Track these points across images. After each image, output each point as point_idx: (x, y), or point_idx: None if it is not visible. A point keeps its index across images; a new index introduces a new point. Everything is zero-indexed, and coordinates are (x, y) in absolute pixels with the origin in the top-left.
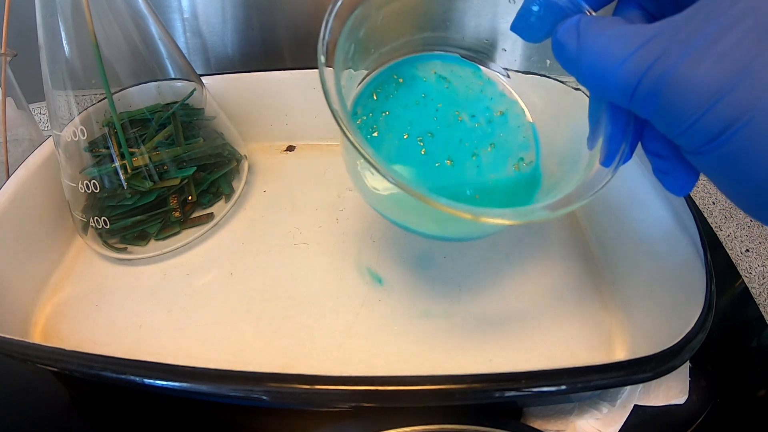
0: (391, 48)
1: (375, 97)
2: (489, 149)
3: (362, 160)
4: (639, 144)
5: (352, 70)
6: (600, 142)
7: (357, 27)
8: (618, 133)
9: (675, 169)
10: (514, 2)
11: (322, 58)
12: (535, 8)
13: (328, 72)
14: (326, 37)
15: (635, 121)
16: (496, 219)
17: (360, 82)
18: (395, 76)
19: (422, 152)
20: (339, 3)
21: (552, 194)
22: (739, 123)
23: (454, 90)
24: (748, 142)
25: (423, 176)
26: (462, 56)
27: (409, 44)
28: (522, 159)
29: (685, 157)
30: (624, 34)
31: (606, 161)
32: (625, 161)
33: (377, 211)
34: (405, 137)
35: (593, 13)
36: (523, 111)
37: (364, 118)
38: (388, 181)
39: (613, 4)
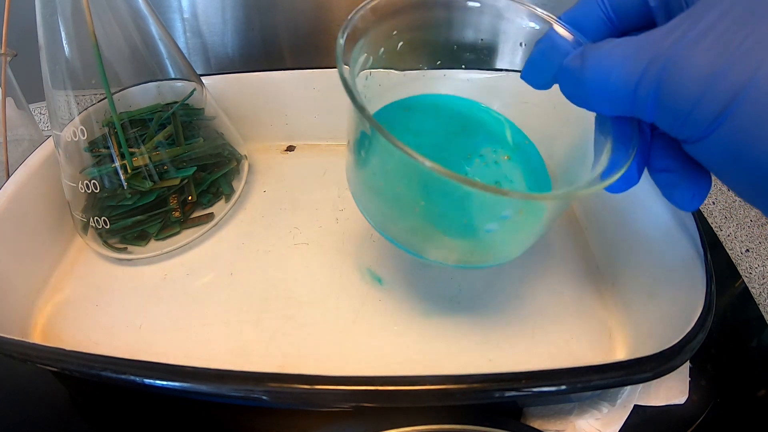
0: (404, 76)
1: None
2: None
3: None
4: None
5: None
6: (602, 162)
7: (375, 43)
8: (622, 150)
9: (684, 179)
10: (524, 45)
11: (342, 41)
12: (541, 52)
13: (349, 76)
14: (348, 28)
15: (641, 143)
16: (518, 194)
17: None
18: (405, 110)
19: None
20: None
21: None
22: (735, 100)
23: (466, 129)
24: (746, 117)
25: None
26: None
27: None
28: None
29: (692, 166)
30: (621, 42)
31: (611, 187)
32: (629, 183)
33: (387, 238)
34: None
35: None
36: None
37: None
38: (425, 165)
39: None
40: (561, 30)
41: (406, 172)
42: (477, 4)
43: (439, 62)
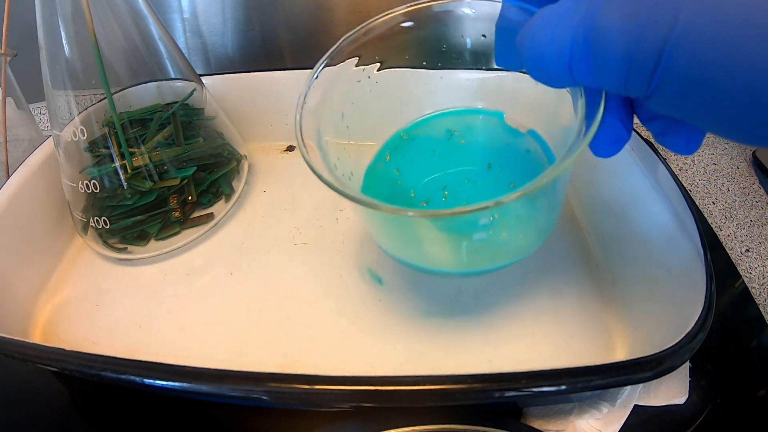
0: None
1: (387, 158)
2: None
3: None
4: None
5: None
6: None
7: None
8: (593, 108)
9: (670, 126)
10: (485, 36)
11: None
12: (502, 35)
13: (313, 153)
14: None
15: (616, 99)
16: (514, 195)
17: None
18: (404, 137)
19: (443, 199)
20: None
21: None
22: (668, 43)
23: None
24: (686, 59)
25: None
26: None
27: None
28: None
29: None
30: (552, 9)
31: (601, 149)
32: (619, 140)
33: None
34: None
35: None
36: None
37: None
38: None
39: None
40: (511, 8)
41: (402, 221)
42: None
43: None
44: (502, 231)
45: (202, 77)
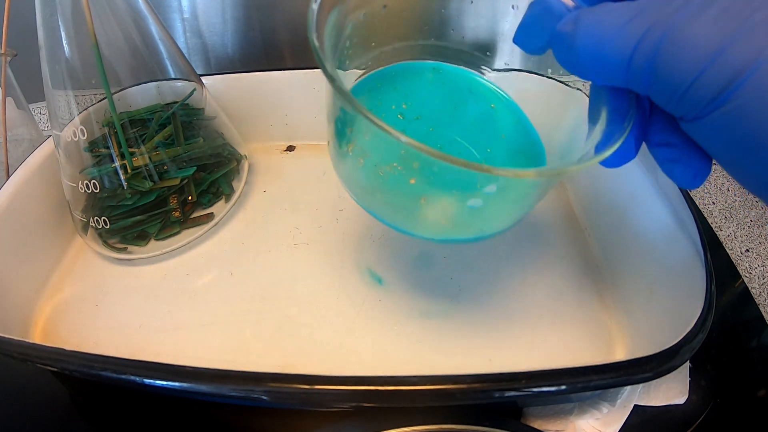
0: (392, 48)
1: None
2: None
3: (368, 126)
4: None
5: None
6: (595, 140)
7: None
8: (617, 120)
9: (684, 156)
10: (517, 8)
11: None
12: (535, 14)
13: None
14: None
15: (638, 115)
16: (510, 173)
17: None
18: (391, 76)
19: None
20: None
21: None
22: (739, 78)
23: (450, 92)
24: (750, 97)
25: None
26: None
27: (408, 50)
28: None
29: (694, 142)
30: (618, 7)
31: (606, 161)
32: (626, 158)
33: (370, 212)
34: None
35: None
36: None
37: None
38: (400, 141)
39: None
40: None
41: (386, 147)
42: None
43: (427, 31)
44: (496, 203)
45: (202, 77)
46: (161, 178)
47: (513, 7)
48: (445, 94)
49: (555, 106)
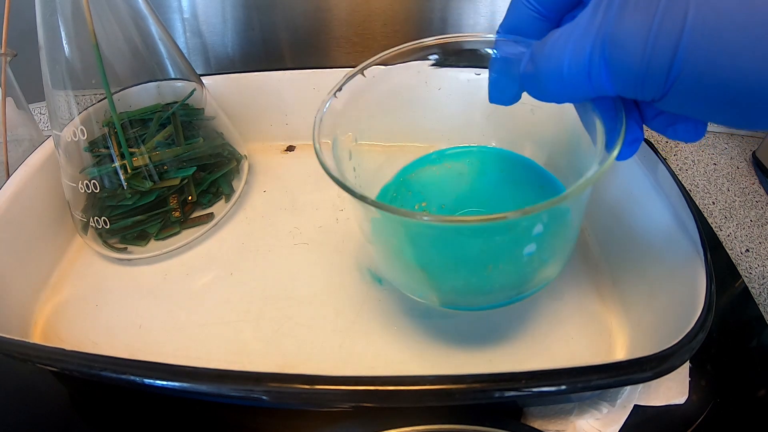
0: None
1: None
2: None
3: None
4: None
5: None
6: (601, 139)
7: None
8: (611, 122)
9: (678, 116)
10: (479, 74)
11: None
12: (497, 71)
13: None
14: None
15: (626, 107)
16: (546, 204)
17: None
18: (407, 177)
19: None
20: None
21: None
22: (680, 45)
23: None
24: (698, 55)
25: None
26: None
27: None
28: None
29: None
30: (562, 32)
31: (609, 147)
32: (635, 141)
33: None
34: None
35: None
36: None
37: None
38: (423, 220)
39: None
40: (505, 43)
41: (434, 234)
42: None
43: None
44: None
45: (202, 77)
46: (161, 178)
47: (477, 74)
48: (452, 177)
49: (555, 119)
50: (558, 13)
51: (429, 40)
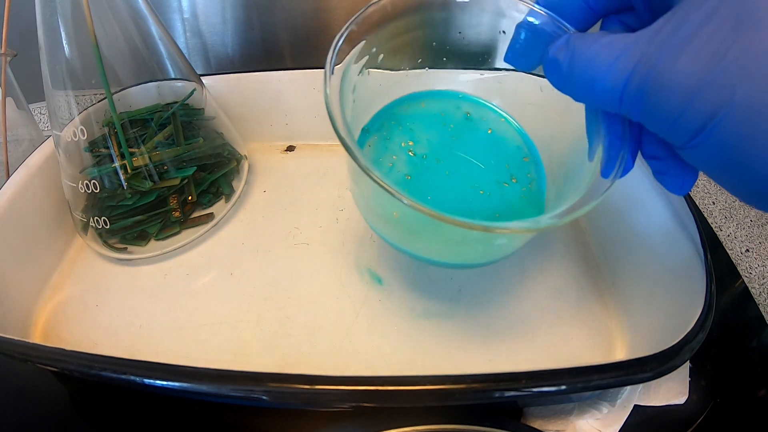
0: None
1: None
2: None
3: (372, 184)
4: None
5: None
6: (599, 153)
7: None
8: (615, 142)
9: (672, 168)
10: (505, 33)
11: (330, 76)
12: (523, 36)
13: (334, 100)
14: (333, 60)
15: (632, 130)
16: (507, 230)
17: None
18: (399, 110)
19: (433, 172)
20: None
21: (559, 203)
22: (719, 114)
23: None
24: (732, 131)
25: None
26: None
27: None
28: (528, 179)
29: (680, 156)
30: (610, 43)
31: (605, 171)
32: (625, 171)
33: (388, 241)
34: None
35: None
36: (520, 130)
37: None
38: (402, 202)
39: (598, 24)
40: (540, 14)
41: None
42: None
43: (444, 58)
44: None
45: (202, 77)
46: (161, 178)
47: (501, 32)
48: (443, 125)
49: (555, 119)
50: (606, 10)
51: None
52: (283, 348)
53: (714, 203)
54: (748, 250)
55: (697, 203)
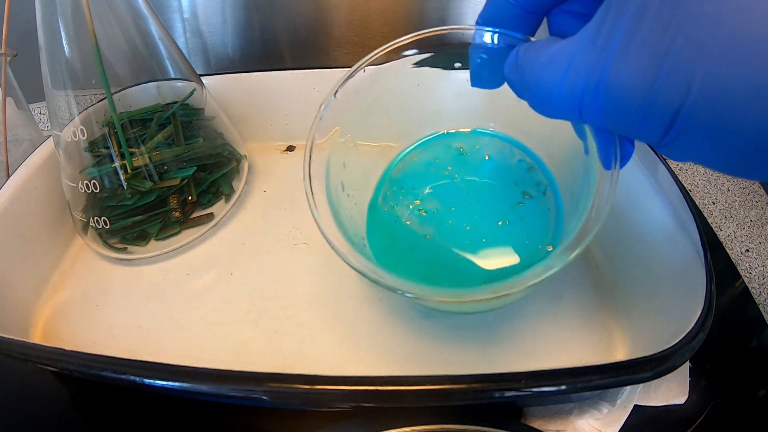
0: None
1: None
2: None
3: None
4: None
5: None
6: (593, 147)
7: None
8: (605, 134)
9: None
10: (460, 65)
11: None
12: (479, 60)
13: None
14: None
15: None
16: (514, 288)
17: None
18: (395, 173)
19: (450, 222)
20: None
21: (574, 200)
22: (684, 107)
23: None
24: (702, 119)
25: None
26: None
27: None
28: (540, 189)
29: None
30: (554, 56)
31: (605, 163)
32: (625, 158)
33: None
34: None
35: (531, 39)
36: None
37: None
38: (406, 296)
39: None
40: (486, 33)
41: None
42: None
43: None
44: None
45: (202, 77)
46: (161, 178)
47: (457, 65)
48: (441, 172)
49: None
50: (544, 8)
51: (407, 38)
52: (283, 348)
53: (714, 203)
54: (748, 250)
55: (697, 203)
